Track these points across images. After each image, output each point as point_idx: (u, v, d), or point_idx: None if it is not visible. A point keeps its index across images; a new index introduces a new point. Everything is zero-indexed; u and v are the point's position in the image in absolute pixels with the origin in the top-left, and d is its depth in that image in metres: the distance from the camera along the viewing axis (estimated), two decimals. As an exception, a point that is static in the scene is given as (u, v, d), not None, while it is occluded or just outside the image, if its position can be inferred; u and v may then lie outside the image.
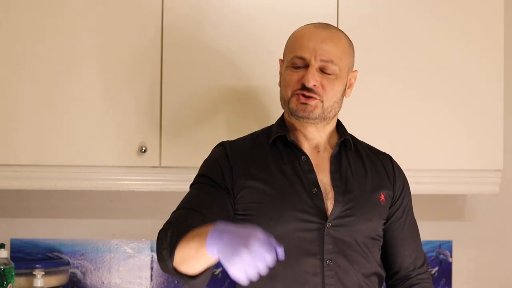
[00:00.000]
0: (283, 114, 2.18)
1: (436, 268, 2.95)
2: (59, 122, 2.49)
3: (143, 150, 2.50)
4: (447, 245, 2.95)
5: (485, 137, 2.62)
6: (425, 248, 2.90)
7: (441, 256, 2.95)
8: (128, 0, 2.52)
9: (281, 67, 2.15)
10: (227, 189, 2.05)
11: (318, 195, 2.04)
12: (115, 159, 2.50)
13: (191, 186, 2.11)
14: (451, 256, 2.96)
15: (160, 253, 1.87)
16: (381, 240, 2.14)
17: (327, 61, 2.04)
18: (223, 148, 2.12)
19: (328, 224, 2.03)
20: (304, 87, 2.04)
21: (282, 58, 2.16)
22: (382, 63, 2.59)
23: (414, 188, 2.32)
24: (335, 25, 2.54)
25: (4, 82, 2.49)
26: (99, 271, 2.84)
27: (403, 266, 2.19)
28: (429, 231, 2.92)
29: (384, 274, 2.15)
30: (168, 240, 1.85)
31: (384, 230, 2.15)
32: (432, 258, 2.95)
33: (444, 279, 2.96)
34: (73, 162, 2.50)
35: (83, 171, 2.51)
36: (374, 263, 2.10)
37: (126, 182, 2.53)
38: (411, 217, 2.21)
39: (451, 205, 2.98)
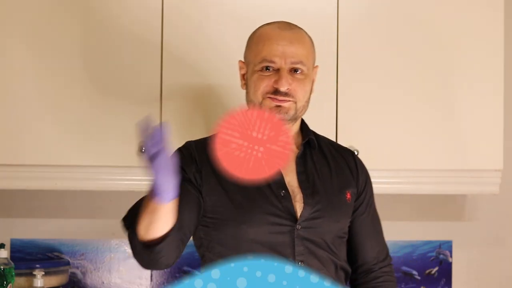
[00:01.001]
0: None
1: (436, 268, 2.95)
2: (59, 122, 2.49)
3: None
4: (447, 245, 2.95)
5: (485, 137, 2.62)
6: (425, 248, 2.90)
7: (441, 256, 2.95)
8: (128, 0, 2.52)
9: (241, 68, 2.13)
10: (197, 187, 2.05)
11: (286, 197, 2.04)
12: (115, 159, 2.50)
13: None
14: (451, 256, 2.95)
15: (129, 241, 1.98)
16: (347, 236, 2.15)
17: (297, 63, 2.04)
18: (189, 150, 2.09)
19: (298, 226, 2.03)
20: (276, 91, 2.03)
21: (242, 60, 2.14)
22: (382, 63, 2.58)
23: (415, 188, 2.33)
24: (335, 25, 2.54)
25: (4, 82, 2.49)
26: (99, 271, 2.84)
27: (366, 260, 2.19)
28: (429, 231, 2.92)
29: (349, 269, 2.15)
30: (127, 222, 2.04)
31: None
32: (432, 258, 2.95)
33: (444, 279, 2.95)
34: (73, 162, 2.50)
35: (83, 171, 2.51)
36: (342, 260, 2.11)
37: (126, 182, 2.53)
38: (373, 212, 2.22)
39: (451, 205, 2.97)
